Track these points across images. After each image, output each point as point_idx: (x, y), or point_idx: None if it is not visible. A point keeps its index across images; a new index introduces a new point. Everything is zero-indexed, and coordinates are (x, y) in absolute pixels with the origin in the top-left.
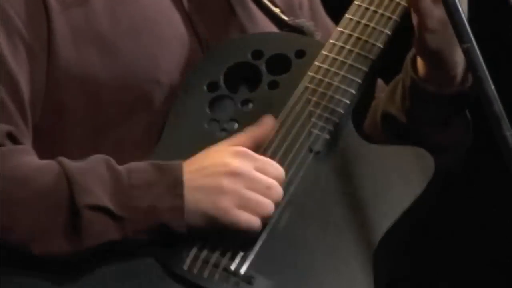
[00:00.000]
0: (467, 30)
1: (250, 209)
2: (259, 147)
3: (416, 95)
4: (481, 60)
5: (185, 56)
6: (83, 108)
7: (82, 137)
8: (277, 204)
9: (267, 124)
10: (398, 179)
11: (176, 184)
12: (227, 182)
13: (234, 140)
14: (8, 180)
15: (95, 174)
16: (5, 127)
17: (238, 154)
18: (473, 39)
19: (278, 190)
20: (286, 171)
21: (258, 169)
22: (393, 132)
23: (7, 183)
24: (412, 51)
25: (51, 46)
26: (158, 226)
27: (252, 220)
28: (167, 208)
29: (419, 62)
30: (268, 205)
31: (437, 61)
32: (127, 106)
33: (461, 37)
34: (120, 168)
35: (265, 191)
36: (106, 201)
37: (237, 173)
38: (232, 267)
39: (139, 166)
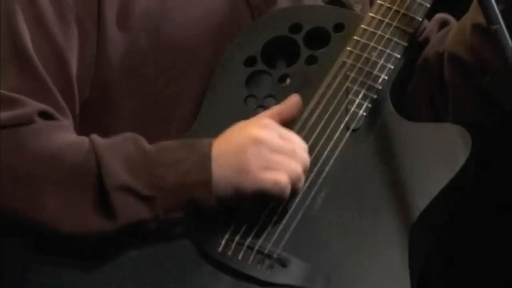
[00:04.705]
0: (495, 12)
1: (275, 169)
2: (291, 124)
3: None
4: (510, 42)
5: (236, 28)
6: (130, 83)
7: (130, 114)
8: (304, 170)
9: (293, 102)
10: (436, 157)
11: (203, 159)
12: (251, 149)
13: (260, 116)
14: (36, 159)
15: (124, 154)
16: (39, 106)
17: (262, 125)
18: (501, 20)
19: (305, 155)
20: (323, 149)
21: (283, 137)
22: (459, 74)
23: (36, 162)
24: None
25: (100, 22)
26: (188, 202)
27: (278, 177)
28: (194, 183)
29: None
30: (295, 165)
31: None
32: (175, 80)
33: (489, 19)
34: (149, 147)
35: (291, 154)
36: (134, 182)
37: (261, 139)
38: (266, 249)
39: (169, 145)
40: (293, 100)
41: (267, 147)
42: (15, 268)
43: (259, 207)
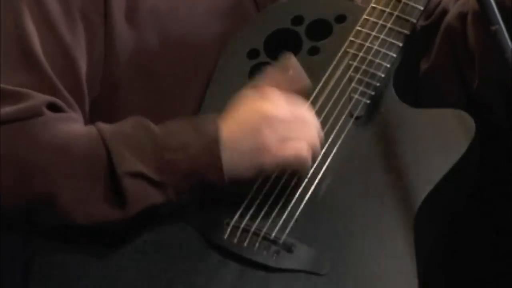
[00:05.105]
0: (494, 12)
1: (294, 139)
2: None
3: None
4: (510, 42)
5: (243, 24)
6: (138, 81)
7: (138, 111)
8: (318, 132)
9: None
10: (439, 143)
11: (212, 144)
12: (265, 127)
13: (261, 86)
14: (46, 150)
15: (132, 139)
16: (46, 97)
17: (267, 97)
18: (501, 21)
19: (313, 118)
20: (327, 136)
21: (290, 105)
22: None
23: (46, 153)
24: None
25: (107, 19)
26: (199, 186)
27: (298, 149)
28: (205, 168)
29: None
30: (310, 131)
31: None
32: (182, 77)
33: (488, 19)
34: (157, 129)
35: (303, 121)
36: (144, 167)
37: (273, 115)
38: (272, 235)
39: (175, 127)
40: (287, 61)
41: (281, 121)
42: (15, 268)
43: (264, 194)
